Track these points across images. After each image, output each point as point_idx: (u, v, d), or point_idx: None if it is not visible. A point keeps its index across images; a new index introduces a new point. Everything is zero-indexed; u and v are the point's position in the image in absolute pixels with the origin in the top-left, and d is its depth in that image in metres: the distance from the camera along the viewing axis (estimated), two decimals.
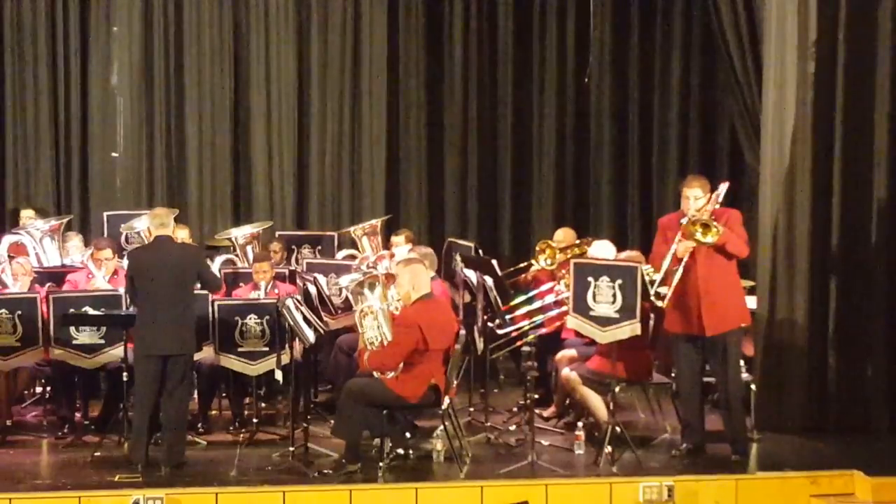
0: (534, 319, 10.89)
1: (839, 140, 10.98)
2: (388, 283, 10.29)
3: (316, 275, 11.48)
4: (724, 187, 10.10)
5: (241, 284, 11.96)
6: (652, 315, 10.45)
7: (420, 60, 15.71)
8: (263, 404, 11.64)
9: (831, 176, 11.01)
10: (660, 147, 15.66)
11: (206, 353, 10.92)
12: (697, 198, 9.92)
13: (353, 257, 13.15)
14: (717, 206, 9.98)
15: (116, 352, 10.61)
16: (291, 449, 10.21)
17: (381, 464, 9.79)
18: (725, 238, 9.74)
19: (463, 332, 10.39)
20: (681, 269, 9.84)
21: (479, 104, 15.77)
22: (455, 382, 10.23)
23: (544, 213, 15.76)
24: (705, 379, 10.34)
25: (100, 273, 11.60)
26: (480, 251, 13.03)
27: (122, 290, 10.72)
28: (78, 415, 11.21)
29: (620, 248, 11.81)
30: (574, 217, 15.39)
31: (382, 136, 15.58)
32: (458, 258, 11.75)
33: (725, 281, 9.92)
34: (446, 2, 15.67)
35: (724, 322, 9.89)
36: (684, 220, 9.87)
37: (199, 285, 10.33)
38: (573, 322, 10.22)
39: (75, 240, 12.92)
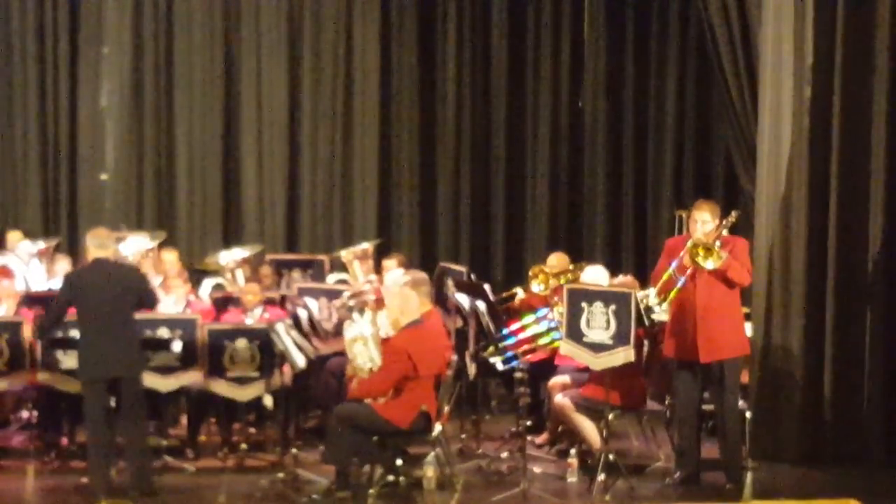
0: (523, 349, 10.86)
1: (836, 166, 10.94)
2: (377, 309, 10.21)
3: (306, 299, 11.39)
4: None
5: (230, 308, 11.88)
6: (646, 342, 10.39)
7: (412, 83, 15.69)
8: (252, 429, 11.55)
9: (828, 202, 10.97)
10: (654, 172, 15.65)
11: (195, 378, 10.82)
12: (705, 222, 9.89)
13: (343, 281, 13.08)
14: (725, 234, 9.92)
15: None
16: (280, 475, 10.13)
17: (371, 490, 9.75)
18: (727, 265, 9.69)
19: (455, 357, 10.32)
20: (677, 289, 9.79)
21: (472, 127, 15.76)
22: (447, 409, 10.15)
23: (537, 237, 15.73)
24: (703, 407, 10.24)
25: None
26: (472, 276, 12.96)
27: None
28: (65, 440, 11.12)
29: (614, 274, 11.76)
30: (567, 242, 15.34)
31: (374, 159, 15.56)
32: (451, 283, 11.67)
33: (724, 309, 9.87)
34: (439, 23, 15.67)
35: (719, 350, 9.84)
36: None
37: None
38: (566, 348, 10.15)
39: (63, 263, 12.84)
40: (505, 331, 11.05)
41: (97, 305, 9.71)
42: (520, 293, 12.15)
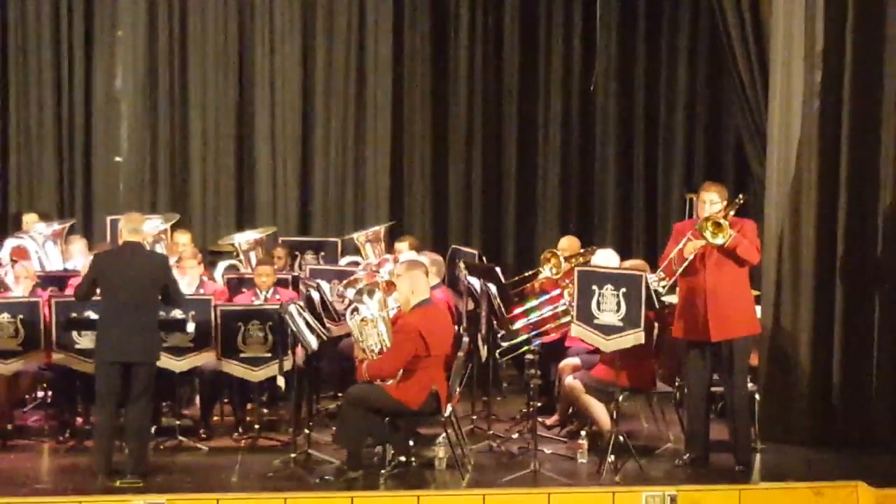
0: (537, 331, 10.89)
1: (846, 150, 10.93)
2: (388, 291, 10.24)
3: (319, 281, 11.45)
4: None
5: (243, 290, 11.94)
6: (656, 324, 10.42)
7: (425, 67, 15.69)
8: (265, 410, 11.62)
9: (837, 186, 10.96)
10: (665, 156, 15.66)
11: (208, 359, 10.89)
12: (713, 202, 9.90)
13: (356, 264, 13.15)
14: (732, 215, 9.94)
15: None
16: (293, 455, 10.18)
17: (382, 471, 9.80)
18: (736, 242, 9.71)
19: (466, 339, 10.36)
20: (682, 268, 9.84)
21: (483, 111, 15.77)
22: (458, 390, 10.20)
23: (548, 221, 15.75)
24: (712, 388, 10.28)
25: None
26: (484, 258, 13.00)
27: None
28: (79, 419, 11.17)
29: (624, 258, 11.80)
30: (578, 225, 15.38)
31: (387, 142, 15.57)
32: (462, 265, 11.72)
33: (734, 288, 9.88)
34: (451, 9, 15.66)
35: (729, 329, 9.85)
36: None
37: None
38: (577, 330, 10.19)
39: (78, 244, 12.91)
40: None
41: (120, 289, 9.74)
42: (543, 272, 12.00)
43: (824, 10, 10.90)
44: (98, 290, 9.92)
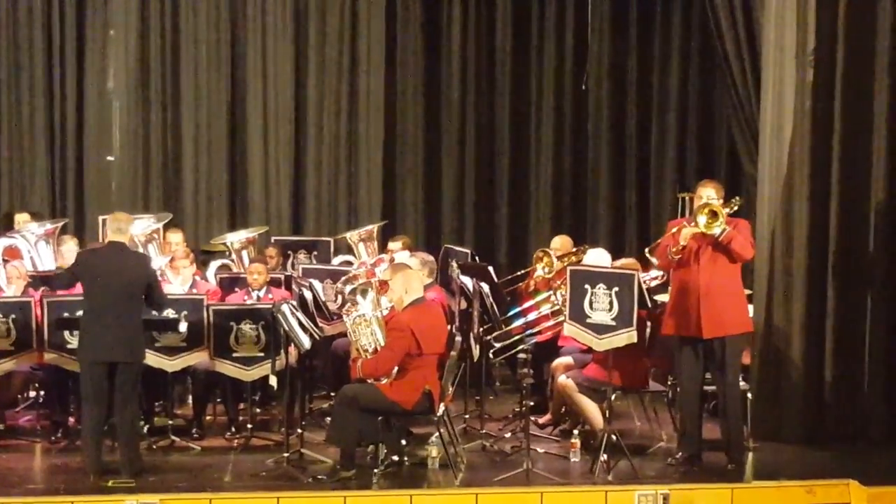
0: (529, 331, 10.90)
1: (837, 148, 10.95)
2: (381, 291, 10.24)
3: (311, 280, 11.45)
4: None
5: (235, 289, 11.93)
6: (649, 323, 10.43)
7: (417, 67, 15.70)
8: (258, 410, 11.63)
9: (829, 184, 10.98)
10: (657, 155, 15.67)
11: (201, 358, 10.88)
12: (710, 198, 9.88)
13: (349, 263, 13.15)
14: (728, 213, 9.94)
15: None
16: (286, 455, 10.18)
17: (375, 470, 9.79)
18: (731, 236, 9.71)
19: (459, 338, 10.36)
20: (677, 250, 9.85)
21: (476, 110, 15.77)
22: (451, 389, 10.21)
23: (541, 220, 15.76)
24: (705, 387, 10.28)
25: None
26: (477, 258, 13.00)
27: None
28: (72, 419, 11.13)
29: (617, 257, 11.80)
30: (571, 225, 15.39)
31: (379, 141, 15.57)
32: (455, 264, 11.72)
33: (727, 286, 9.89)
34: (444, 8, 15.67)
35: (722, 326, 9.85)
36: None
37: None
38: (570, 329, 10.19)
39: (70, 244, 12.87)
40: (516, 309, 11.12)
41: (104, 288, 9.72)
42: (537, 271, 11.98)
43: (816, 9, 10.91)
44: (82, 290, 9.90)
